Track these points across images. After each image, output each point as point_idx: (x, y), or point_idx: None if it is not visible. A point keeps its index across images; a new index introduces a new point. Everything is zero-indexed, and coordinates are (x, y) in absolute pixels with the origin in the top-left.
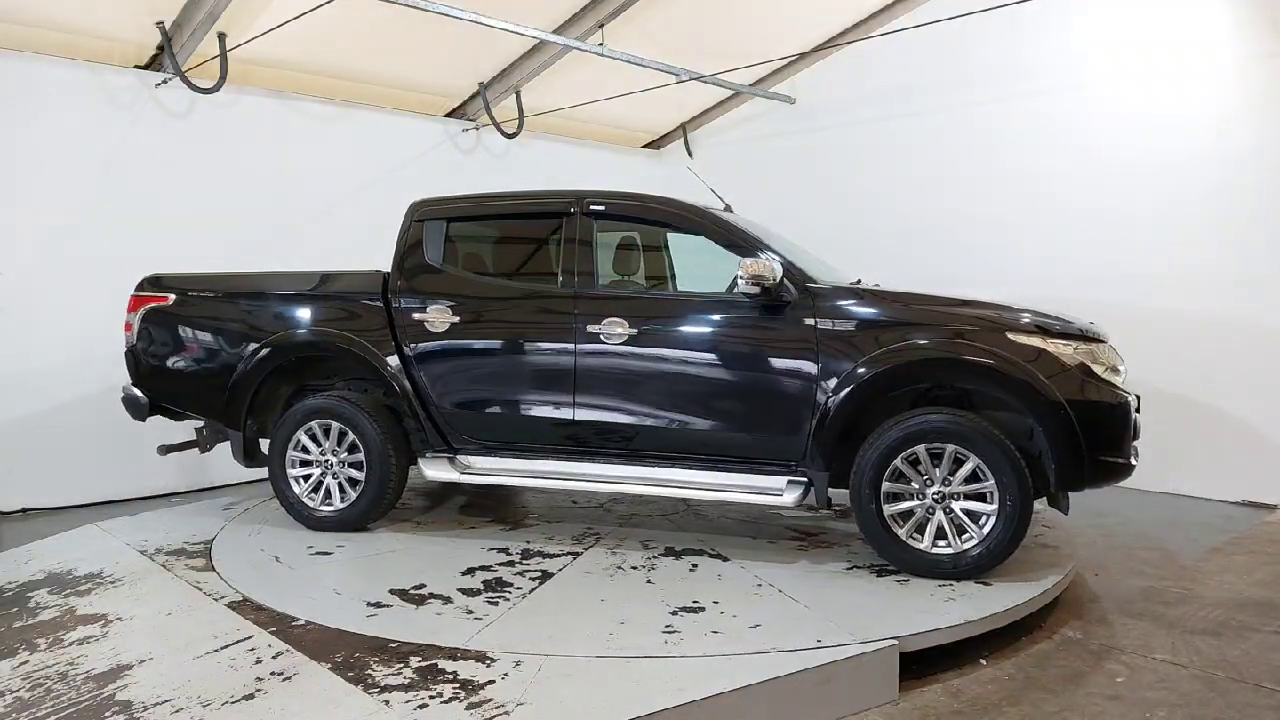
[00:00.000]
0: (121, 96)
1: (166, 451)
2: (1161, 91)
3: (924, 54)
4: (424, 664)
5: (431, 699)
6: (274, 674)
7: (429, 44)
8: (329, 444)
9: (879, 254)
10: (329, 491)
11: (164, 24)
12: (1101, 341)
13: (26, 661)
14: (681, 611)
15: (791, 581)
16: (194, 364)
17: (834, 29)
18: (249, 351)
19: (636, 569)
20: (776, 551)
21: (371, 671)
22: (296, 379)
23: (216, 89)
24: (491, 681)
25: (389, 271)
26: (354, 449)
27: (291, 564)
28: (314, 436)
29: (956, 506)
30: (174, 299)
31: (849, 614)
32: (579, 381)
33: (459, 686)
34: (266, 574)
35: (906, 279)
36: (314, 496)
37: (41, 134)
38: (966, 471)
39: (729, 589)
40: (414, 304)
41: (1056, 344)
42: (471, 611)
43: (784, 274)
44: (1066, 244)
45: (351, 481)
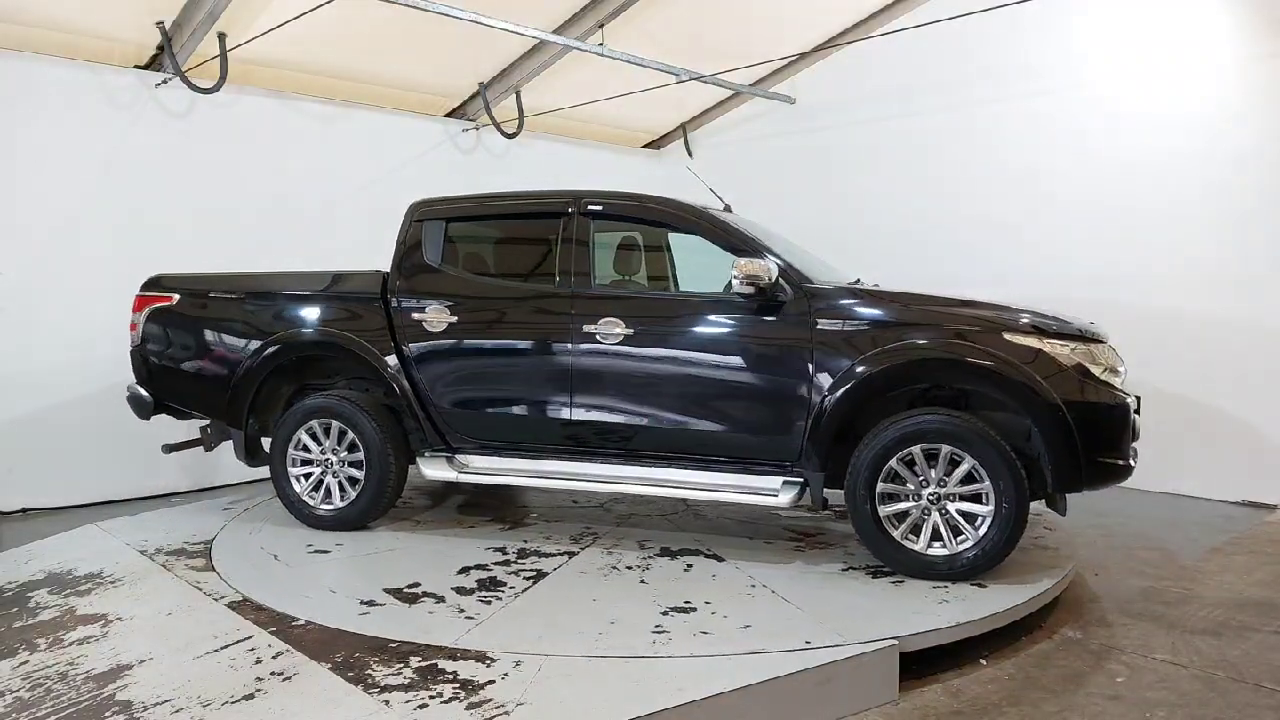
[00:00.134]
0: (121, 96)
1: (171, 450)
2: (1161, 91)
3: (924, 54)
4: (424, 664)
5: (431, 699)
6: (274, 674)
7: (429, 44)
8: (329, 443)
9: (879, 254)
10: (329, 490)
11: (164, 24)
12: (1100, 342)
13: (26, 661)
14: (673, 612)
15: (786, 582)
16: (197, 363)
17: (834, 29)
18: (250, 351)
19: (631, 569)
20: (773, 552)
21: (371, 671)
22: (298, 378)
23: (216, 89)
24: (491, 681)
25: (388, 272)
26: (354, 448)
27: (289, 562)
28: (315, 435)
29: (952, 508)
30: (177, 299)
31: (841, 615)
32: (575, 381)
33: (459, 686)
34: (265, 573)
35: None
36: (314, 495)
37: (41, 134)
38: (962, 473)
39: (722, 589)
40: (413, 304)
41: (1053, 344)
42: (464, 610)
43: (779, 274)
44: (1066, 244)
45: (351, 480)
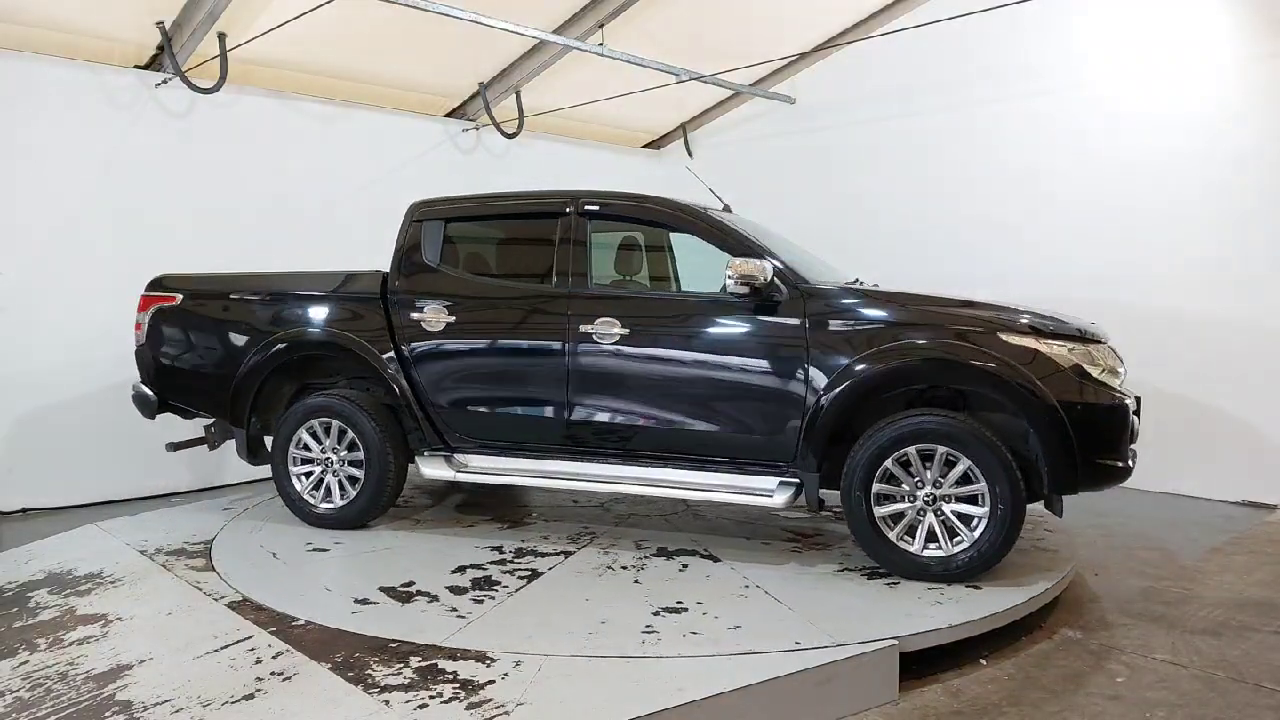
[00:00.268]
0: (121, 96)
1: (175, 448)
2: (1161, 91)
3: (924, 54)
4: (424, 664)
5: (431, 699)
6: (274, 674)
7: (429, 44)
8: (329, 442)
9: (879, 254)
10: (329, 489)
11: (164, 24)
12: (1099, 342)
13: (26, 661)
14: (664, 612)
15: (780, 583)
16: (199, 363)
17: (834, 29)
18: (251, 351)
19: (626, 569)
20: (770, 553)
21: (371, 671)
22: (299, 377)
23: (216, 89)
24: (491, 681)
25: (388, 272)
26: (354, 447)
27: (288, 561)
28: (315, 435)
29: (947, 509)
30: (181, 299)
31: (832, 617)
32: (572, 381)
33: (459, 686)
34: (264, 571)
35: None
36: (315, 494)
37: (41, 134)
38: (958, 474)
39: (715, 590)
40: (412, 304)
41: (1051, 345)
42: (456, 609)
43: (775, 274)
44: (1066, 244)
45: (351, 479)
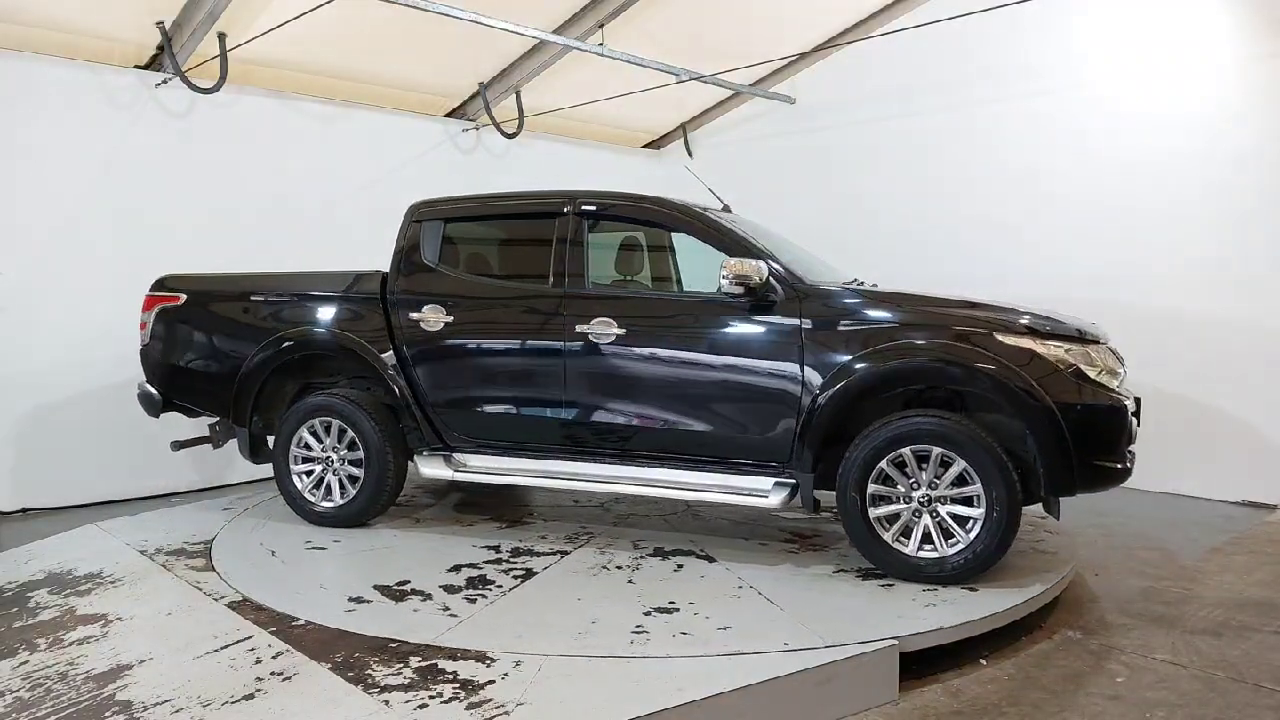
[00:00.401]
0: (121, 96)
1: (179, 447)
2: (1161, 91)
3: (924, 54)
4: (424, 664)
5: (431, 699)
6: (274, 674)
7: (429, 44)
8: (330, 441)
9: (879, 254)
10: (329, 488)
11: (164, 24)
12: (1097, 343)
13: (26, 661)
14: (655, 612)
15: (773, 584)
16: (202, 362)
17: (834, 29)
18: (252, 350)
19: (621, 569)
20: (766, 554)
21: (371, 671)
22: (301, 377)
23: (216, 89)
24: (491, 681)
25: (387, 272)
26: (354, 446)
27: (286, 559)
28: (316, 434)
29: (943, 510)
30: (184, 299)
31: (824, 618)
32: (569, 381)
33: (459, 686)
34: (262, 569)
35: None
36: (315, 492)
37: (41, 134)
38: (953, 475)
39: (709, 590)
40: (410, 304)
41: (1048, 345)
42: (448, 608)
43: (770, 274)
44: (1066, 243)
45: (352, 478)
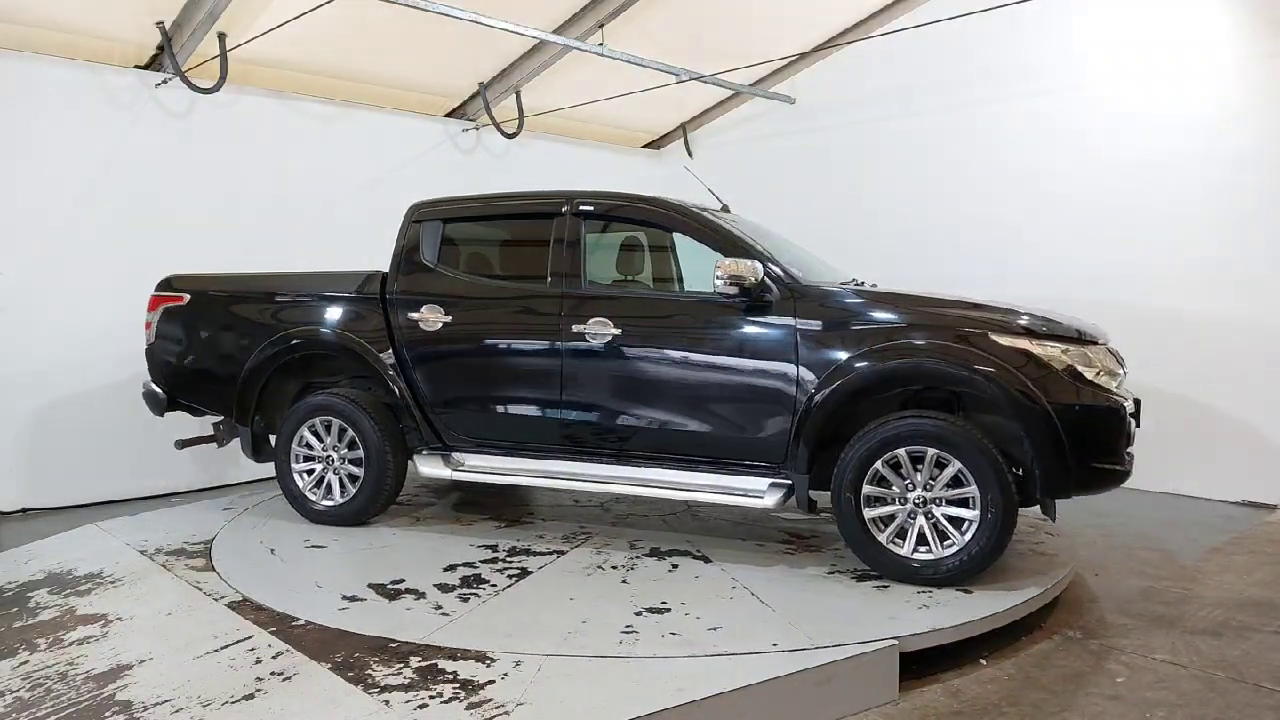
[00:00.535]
0: (121, 96)
1: (183, 445)
2: (1161, 91)
3: (924, 54)
4: (424, 664)
5: (431, 699)
6: (274, 674)
7: (429, 44)
8: (330, 440)
9: (879, 254)
10: (330, 486)
11: (164, 24)
12: (1095, 343)
13: (26, 661)
14: (647, 612)
15: (767, 584)
16: (206, 362)
17: (834, 29)
18: (253, 350)
19: (616, 569)
20: (763, 554)
21: (371, 671)
22: (303, 376)
23: (216, 89)
24: (491, 681)
25: (386, 272)
26: (354, 445)
27: (285, 558)
28: (317, 433)
29: (938, 512)
30: (188, 299)
31: (816, 618)
32: (566, 381)
33: (459, 686)
34: (261, 568)
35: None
36: (316, 491)
37: (41, 134)
38: (948, 476)
39: (702, 590)
40: (409, 304)
41: (1045, 346)
42: (440, 607)
43: (765, 274)
44: (1066, 243)
45: (352, 477)
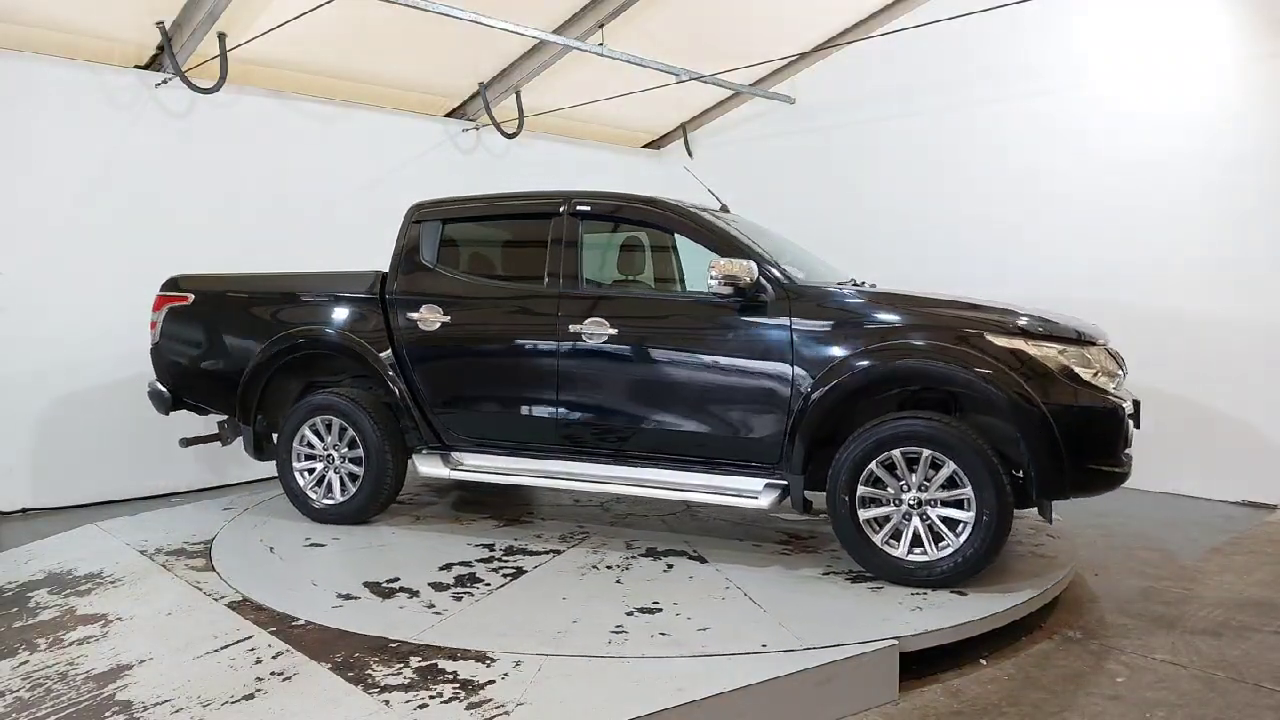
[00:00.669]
0: (121, 96)
1: (187, 444)
2: (1161, 91)
3: (924, 54)
4: (424, 664)
5: (431, 699)
6: (274, 674)
7: (429, 44)
8: (331, 439)
9: (879, 254)
10: (331, 485)
11: (164, 24)
12: (1094, 344)
13: (26, 661)
14: (638, 612)
15: (761, 585)
16: (209, 361)
17: (834, 29)
18: (254, 350)
19: (611, 568)
20: (759, 555)
21: (371, 671)
22: (304, 375)
23: (216, 89)
24: (491, 681)
25: (386, 272)
26: (354, 444)
27: (284, 556)
28: (318, 432)
29: (933, 513)
30: (192, 299)
31: (806, 619)
32: (562, 381)
33: (459, 686)
34: (260, 565)
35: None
36: (317, 489)
37: (41, 134)
38: (943, 477)
39: (694, 591)
40: (409, 304)
41: (1040, 346)
42: (433, 606)
43: (760, 274)
44: (1067, 243)
45: (352, 476)
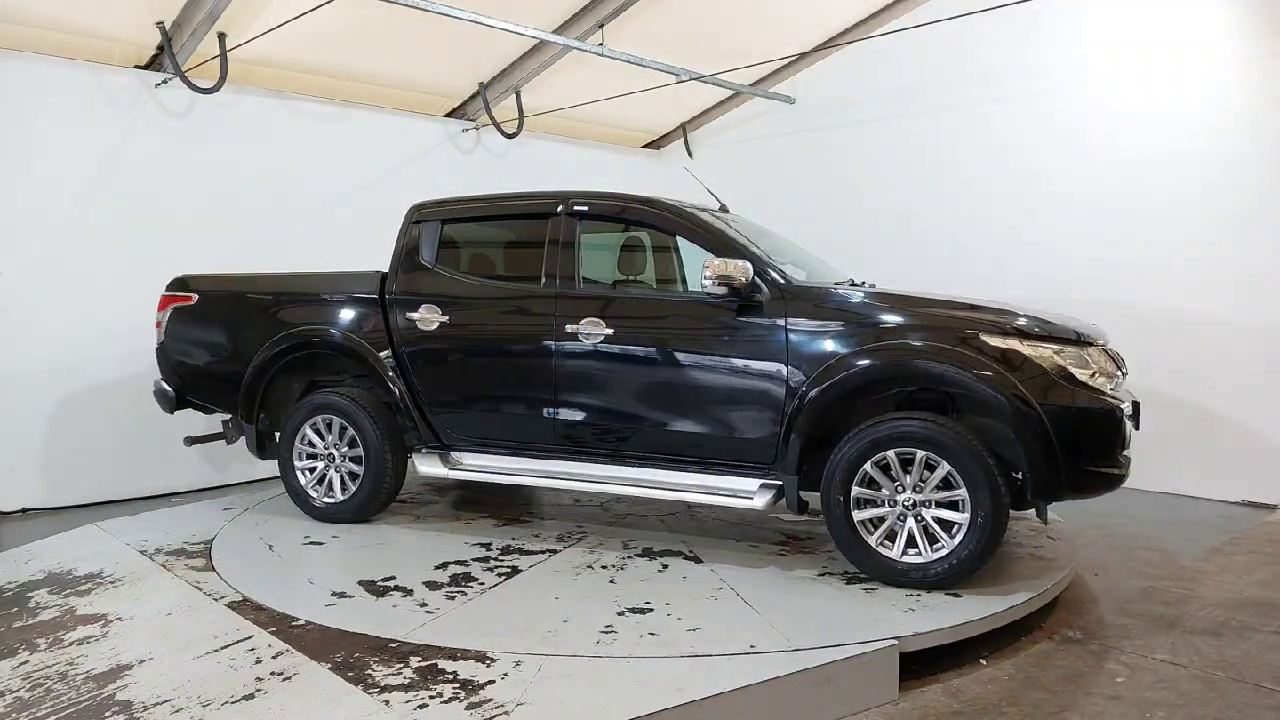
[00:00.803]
0: (121, 96)
1: (192, 443)
2: (1161, 91)
3: (924, 54)
4: (424, 664)
5: (431, 699)
6: (274, 674)
7: (429, 44)
8: (332, 438)
9: (879, 253)
10: (331, 484)
11: (164, 24)
12: (1092, 344)
13: (26, 661)
14: (629, 612)
15: (755, 586)
16: (213, 360)
17: (834, 29)
18: (254, 349)
19: (606, 568)
20: (755, 555)
21: (371, 671)
22: (307, 375)
23: (216, 89)
24: (491, 681)
25: (386, 272)
26: (355, 444)
27: (283, 554)
28: (319, 431)
29: (927, 515)
30: (196, 298)
31: (797, 620)
32: (559, 381)
33: (459, 686)
34: (258, 563)
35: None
36: (318, 488)
37: (41, 134)
38: (938, 478)
39: (687, 591)
40: (408, 304)
41: (1036, 347)
42: (425, 604)
43: (755, 274)
44: (1066, 243)
45: (352, 475)
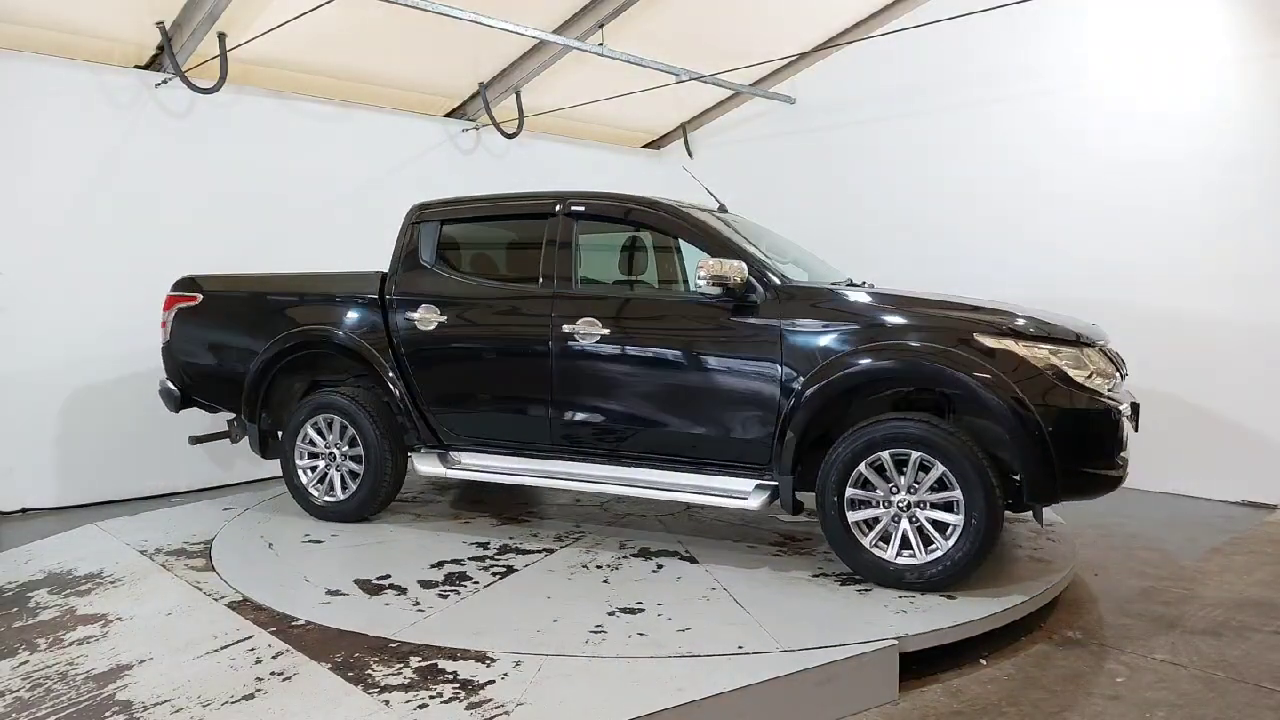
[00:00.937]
0: (121, 96)
1: (196, 442)
2: (1161, 91)
3: (924, 54)
4: (424, 664)
5: (431, 699)
6: (274, 674)
7: (429, 44)
8: (333, 437)
9: (879, 253)
10: (332, 483)
11: (164, 24)
12: (1090, 345)
13: (26, 661)
14: (620, 612)
15: (748, 587)
16: (217, 360)
17: (834, 29)
18: (257, 349)
19: (600, 568)
20: (752, 556)
21: (371, 671)
22: (309, 374)
23: (216, 89)
24: (491, 681)
25: (385, 272)
26: (355, 443)
27: (281, 552)
28: (320, 430)
29: (922, 515)
30: (200, 298)
31: (787, 621)
32: (556, 381)
33: (459, 686)
34: (256, 562)
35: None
36: (319, 486)
37: (41, 134)
38: (932, 479)
39: (681, 592)
40: (407, 304)
41: (1031, 347)
42: (418, 603)
43: (750, 274)
44: (1066, 243)
45: (353, 474)
